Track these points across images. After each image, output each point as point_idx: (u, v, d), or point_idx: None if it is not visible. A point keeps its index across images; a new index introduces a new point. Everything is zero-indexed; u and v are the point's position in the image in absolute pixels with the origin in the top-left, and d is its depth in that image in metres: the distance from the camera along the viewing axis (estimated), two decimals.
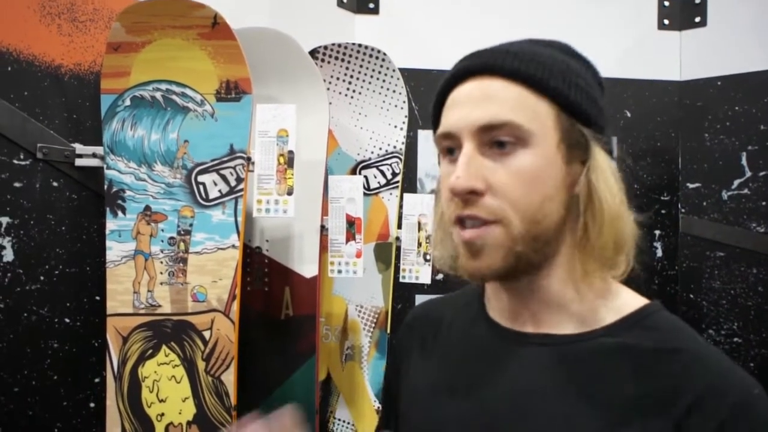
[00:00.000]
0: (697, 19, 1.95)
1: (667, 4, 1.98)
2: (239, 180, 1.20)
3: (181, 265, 1.20)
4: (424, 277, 1.58)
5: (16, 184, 1.15)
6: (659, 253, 1.96)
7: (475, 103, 0.61)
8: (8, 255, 1.14)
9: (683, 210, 1.94)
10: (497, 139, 0.60)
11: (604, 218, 0.61)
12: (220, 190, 1.20)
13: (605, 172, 0.62)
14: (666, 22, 1.98)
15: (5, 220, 1.14)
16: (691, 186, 1.93)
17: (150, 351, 1.19)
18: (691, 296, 1.92)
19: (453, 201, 0.62)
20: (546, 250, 0.63)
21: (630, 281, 0.69)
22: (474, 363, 0.68)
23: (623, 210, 0.62)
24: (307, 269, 1.40)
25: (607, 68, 0.68)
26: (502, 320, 0.69)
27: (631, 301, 0.66)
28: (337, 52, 1.62)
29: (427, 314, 0.80)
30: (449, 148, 0.64)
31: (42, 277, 1.19)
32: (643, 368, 0.59)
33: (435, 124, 0.69)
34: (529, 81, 0.61)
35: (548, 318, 0.65)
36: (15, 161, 1.15)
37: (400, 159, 1.68)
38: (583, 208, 0.62)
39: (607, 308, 0.65)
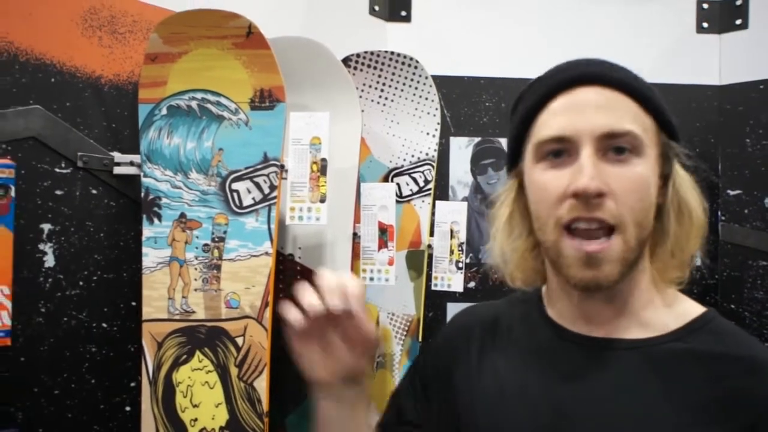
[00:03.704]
0: (738, 22, 1.89)
1: (705, 6, 1.93)
2: (272, 187, 1.21)
3: (215, 271, 1.21)
4: (456, 285, 1.57)
5: (58, 192, 1.18)
6: (698, 261, 1.90)
7: (593, 109, 0.63)
8: (50, 261, 1.17)
9: (723, 218, 1.88)
10: (617, 145, 0.62)
11: (692, 229, 0.66)
12: (253, 198, 1.22)
13: (689, 184, 0.67)
14: (705, 25, 1.93)
15: (47, 226, 1.17)
16: (731, 193, 1.87)
17: (184, 356, 1.20)
18: (732, 306, 1.86)
19: (564, 204, 0.63)
20: (638, 258, 0.65)
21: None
22: (545, 366, 0.69)
23: (706, 221, 0.67)
24: None
25: (645, 72, 0.69)
26: (569, 324, 0.70)
27: (691, 307, 0.68)
28: (370, 60, 1.63)
29: (476, 319, 0.80)
30: (555, 151, 0.64)
31: (81, 283, 1.21)
32: (715, 373, 0.61)
33: (524, 129, 0.69)
34: (641, 97, 0.65)
35: (618, 323, 0.67)
36: (56, 169, 1.18)
37: (433, 166, 1.67)
38: (675, 220, 0.66)
39: (670, 314, 0.67)
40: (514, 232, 0.73)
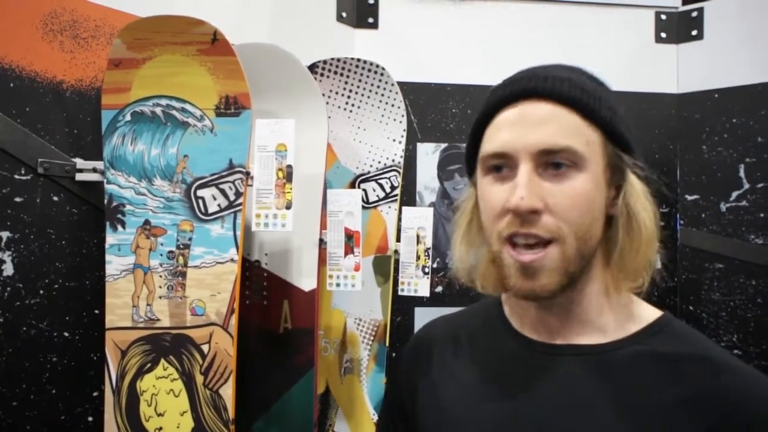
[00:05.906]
0: (694, 33, 1.96)
1: (664, 17, 1.99)
2: (238, 194, 1.21)
3: (180, 278, 1.20)
4: (423, 290, 1.58)
5: (17, 199, 1.16)
6: (658, 264, 1.95)
7: (533, 125, 0.63)
8: (8, 269, 1.15)
9: (682, 222, 1.94)
10: (554, 161, 0.63)
11: (641, 241, 0.66)
12: (219, 205, 1.21)
13: (641, 196, 0.66)
14: (663, 35, 1.99)
15: (5, 234, 1.15)
16: (689, 198, 1.94)
17: (148, 365, 1.19)
18: (691, 308, 1.92)
19: (504, 219, 0.64)
20: (585, 267, 0.66)
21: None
22: (508, 377, 0.70)
23: (657, 232, 0.67)
24: (306, 282, 1.40)
25: (605, 81, 0.70)
26: (530, 333, 0.71)
27: (648, 311, 0.70)
28: (336, 66, 1.64)
29: (436, 334, 0.81)
30: (497, 166, 0.66)
31: (41, 291, 1.19)
32: (677, 373, 0.62)
33: (475, 141, 0.70)
34: (583, 110, 0.64)
35: (576, 330, 0.68)
36: (16, 176, 1.16)
37: (399, 172, 1.68)
38: (623, 230, 0.66)
39: (628, 319, 0.68)
40: (474, 240, 0.74)
